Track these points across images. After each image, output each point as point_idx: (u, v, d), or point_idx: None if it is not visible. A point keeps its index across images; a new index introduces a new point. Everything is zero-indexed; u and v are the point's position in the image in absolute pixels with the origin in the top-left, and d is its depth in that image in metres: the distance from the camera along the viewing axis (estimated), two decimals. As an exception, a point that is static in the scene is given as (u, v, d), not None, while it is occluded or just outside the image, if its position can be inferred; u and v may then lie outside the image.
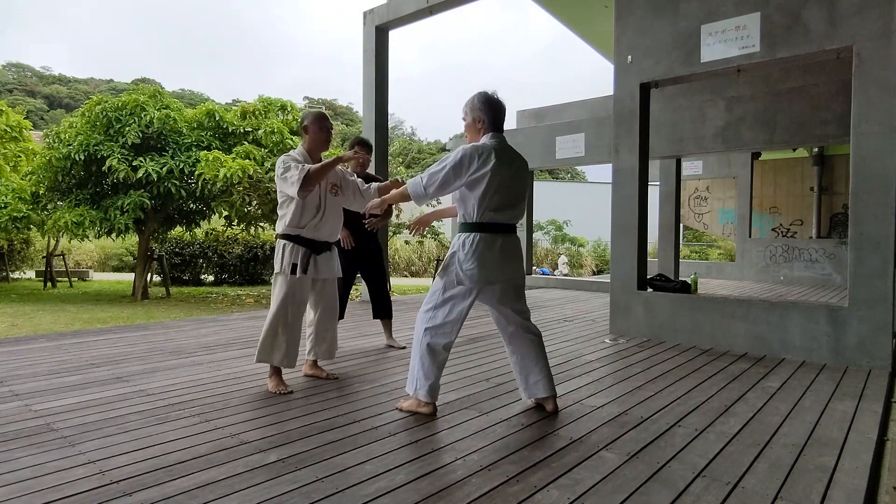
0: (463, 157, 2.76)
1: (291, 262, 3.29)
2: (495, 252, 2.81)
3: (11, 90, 48.08)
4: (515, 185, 2.86)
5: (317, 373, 3.63)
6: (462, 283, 2.81)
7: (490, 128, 2.89)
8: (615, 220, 5.35)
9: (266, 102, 12.31)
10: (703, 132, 8.12)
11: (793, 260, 10.92)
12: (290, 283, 3.29)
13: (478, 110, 2.90)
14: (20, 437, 2.55)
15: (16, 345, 4.63)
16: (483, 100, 2.90)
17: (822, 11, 4.18)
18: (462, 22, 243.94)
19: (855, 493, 2.09)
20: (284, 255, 3.31)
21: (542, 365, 2.97)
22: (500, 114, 2.93)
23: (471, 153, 2.76)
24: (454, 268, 2.83)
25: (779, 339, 4.44)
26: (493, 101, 2.90)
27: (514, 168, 2.86)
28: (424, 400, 2.88)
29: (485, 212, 2.79)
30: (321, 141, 3.42)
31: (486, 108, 2.88)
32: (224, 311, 10.45)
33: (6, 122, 13.61)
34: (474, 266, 2.78)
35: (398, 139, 38.32)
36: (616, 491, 2.08)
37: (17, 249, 16.73)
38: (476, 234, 2.81)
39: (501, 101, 2.94)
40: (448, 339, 2.86)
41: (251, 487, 2.07)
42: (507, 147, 2.88)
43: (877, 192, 3.97)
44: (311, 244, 3.36)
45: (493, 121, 2.89)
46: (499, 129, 2.92)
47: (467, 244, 2.81)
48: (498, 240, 2.83)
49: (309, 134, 3.39)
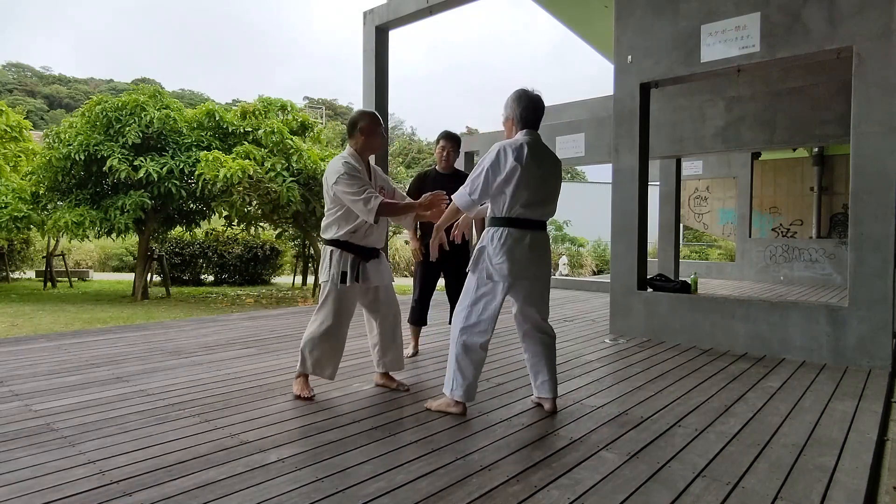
0: (497, 154, 2.78)
1: (341, 270, 3.12)
2: (524, 247, 2.80)
3: (11, 90, 48.07)
4: (546, 183, 2.86)
5: (387, 383, 3.45)
6: (491, 277, 2.80)
7: (523, 125, 2.89)
8: (615, 220, 5.35)
9: (266, 102, 12.30)
10: (703, 132, 8.11)
11: (793, 260, 10.92)
12: (340, 292, 3.13)
13: (510, 108, 2.91)
14: (20, 437, 2.55)
15: (16, 345, 4.63)
16: (515, 97, 2.90)
17: (822, 11, 4.18)
18: (469, 22, 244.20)
19: (855, 493, 2.09)
20: (332, 263, 3.13)
21: (550, 366, 2.98)
22: (534, 111, 2.90)
23: (504, 149, 2.78)
24: (484, 263, 2.83)
25: (779, 339, 4.44)
26: (526, 98, 2.88)
27: (546, 165, 2.86)
28: (459, 400, 2.88)
29: (515, 207, 2.78)
30: (376, 147, 3.22)
31: (517, 106, 2.88)
32: (224, 311, 10.45)
33: (6, 122, 13.60)
34: (503, 260, 2.77)
35: (398, 139, 38.32)
36: (616, 491, 2.08)
37: (17, 249, 16.72)
38: (505, 229, 2.80)
39: (538, 98, 2.91)
40: (483, 337, 2.84)
41: (251, 487, 2.07)
42: (539, 144, 2.87)
43: (877, 192, 3.97)
44: (361, 250, 3.17)
45: (525, 118, 2.88)
46: (533, 126, 2.90)
47: (496, 238, 2.81)
48: (527, 236, 2.82)
49: (365, 137, 3.16)
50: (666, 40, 4.93)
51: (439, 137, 4.16)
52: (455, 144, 4.17)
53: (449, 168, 4.19)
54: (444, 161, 4.15)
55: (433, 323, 5.30)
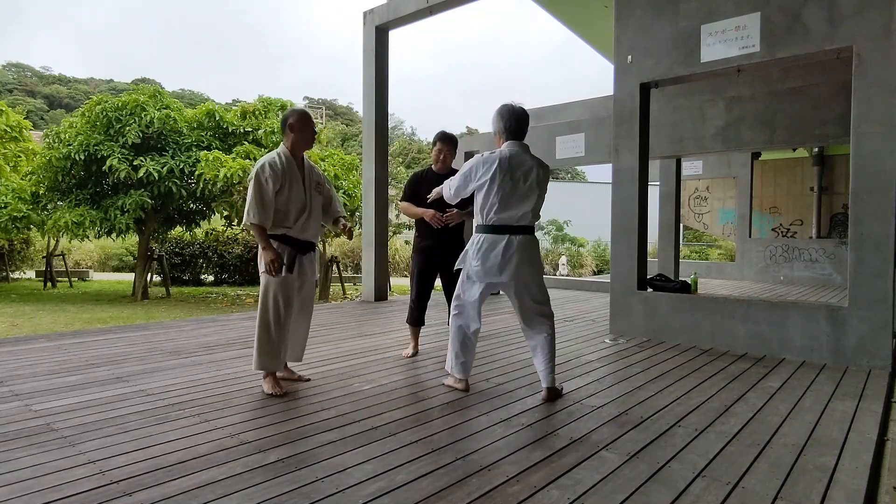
0: (470, 167, 3.13)
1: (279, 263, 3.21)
2: (498, 251, 3.09)
3: (11, 90, 48.09)
4: (518, 190, 3.09)
5: (287, 374, 3.52)
6: (470, 277, 3.21)
7: (507, 136, 3.16)
8: (615, 220, 5.35)
9: (266, 102, 12.32)
10: (703, 132, 8.11)
11: (793, 260, 10.91)
12: (278, 282, 3.23)
13: (495, 123, 3.19)
14: (20, 437, 2.55)
15: (16, 345, 4.63)
16: (498, 113, 3.17)
17: (822, 11, 4.17)
18: (469, 22, 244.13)
19: (855, 493, 2.09)
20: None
21: (546, 356, 3.19)
22: (516, 123, 3.15)
23: (476, 163, 3.11)
24: (466, 263, 3.22)
25: (779, 339, 4.44)
26: (507, 113, 3.15)
27: (522, 174, 3.09)
28: (458, 377, 3.31)
29: (490, 214, 3.10)
30: (306, 141, 3.32)
31: (501, 120, 3.16)
32: (224, 311, 10.45)
33: (6, 122, 13.62)
34: (478, 264, 3.12)
35: (398, 139, 38.34)
36: (616, 491, 2.08)
37: (17, 249, 16.73)
38: (482, 235, 3.14)
39: (521, 110, 3.16)
40: (471, 322, 3.25)
41: (251, 487, 2.07)
42: (520, 154, 3.12)
43: (877, 192, 3.97)
44: (297, 244, 3.29)
45: (509, 129, 3.15)
46: (517, 137, 3.16)
47: (474, 243, 3.16)
48: (501, 240, 3.10)
49: (294, 133, 3.27)
50: (666, 40, 4.93)
51: (436, 139, 4.19)
52: (452, 146, 4.21)
53: (445, 169, 4.22)
54: (440, 163, 4.19)
55: (432, 323, 5.31)
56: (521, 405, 3.08)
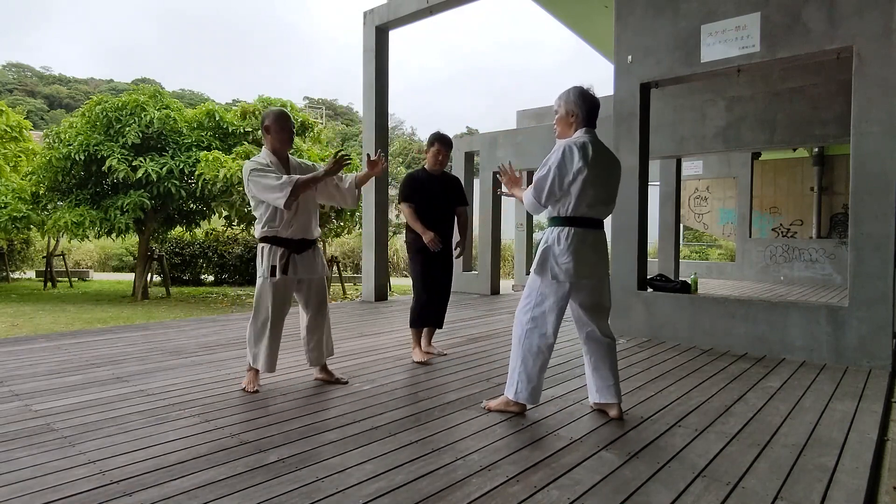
0: (564, 153, 2.76)
1: (270, 265, 3.24)
2: (587, 247, 2.81)
3: (11, 90, 48.07)
4: (609, 181, 2.87)
5: (326, 377, 3.54)
6: (557, 277, 2.79)
7: (583, 123, 2.88)
8: (615, 220, 5.35)
9: (266, 102, 12.31)
10: (704, 132, 8.11)
11: (793, 260, 10.91)
12: (272, 285, 3.25)
13: (573, 104, 2.88)
14: (20, 437, 2.55)
15: (16, 345, 4.63)
16: (579, 94, 2.88)
17: (822, 11, 4.18)
18: (469, 23, 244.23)
19: (855, 493, 2.09)
20: (264, 258, 3.26)
21: (613, 369, 2.94)
22: (594, 109, 2.91)
23: (570, 148, 2.76)
24: (550, 262, 2.81)
25: (779, 339, 4.44)
26: (588, 97, 2.88)
27: (608, 165, 2.87)
28: (523, 402, 2.89)
29: (580, 206, 2.78)
30: (285, 140, 3.31)
31: (582, 103, 2.87)
32: (224, 311, 10.46)
33: (6, 122, 13.61)
34: (570, 260, 2.77)
35: (398, 139, 38.34)
36: (616, 491, 2.08)
37: (17, 249, 16.73)
38: (570, 228, 2.80)
39: (596, 97, 2.92)
40: (549, 339, 2.85)
41: (251, 487, 2.07)
42: (600, 144, 2.88)
43: (877, 192, 3.97)
44: (289, 243, 3.29)
45: (586, 116, 2.88)
46: (592, 125, 2.91)
47: (562, 238, 2.79)
48: (590, 235, 2.84)
49: (272, 134, 3.27)
50: (666, 40, 4.94)
51: (433, 140, 4.27)
52: (449, 148, 4.32)
53: (439, 170, 4.32)
54: (438, 164, 4.27)
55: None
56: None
